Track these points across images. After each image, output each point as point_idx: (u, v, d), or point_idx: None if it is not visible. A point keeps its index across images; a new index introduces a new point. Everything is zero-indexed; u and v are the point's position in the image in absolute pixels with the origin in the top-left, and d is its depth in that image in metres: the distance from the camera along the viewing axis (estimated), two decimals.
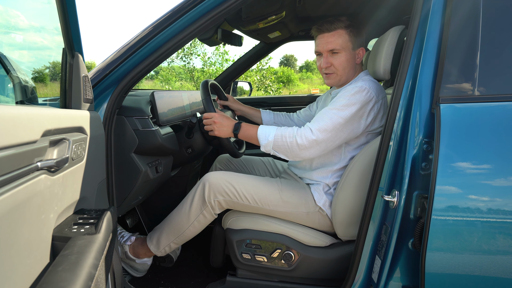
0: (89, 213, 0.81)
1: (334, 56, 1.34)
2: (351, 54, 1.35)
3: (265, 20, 1.82)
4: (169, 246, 1.43)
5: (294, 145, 1.24)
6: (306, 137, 1.23)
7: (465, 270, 0.93)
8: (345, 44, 1.32)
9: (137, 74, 1.14)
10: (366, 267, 1.11)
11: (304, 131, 1.25)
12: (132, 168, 1.26)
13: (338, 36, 1.32)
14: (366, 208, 1.11)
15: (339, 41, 1.32)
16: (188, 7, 1.12)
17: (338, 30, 1.32)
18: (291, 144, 1.25)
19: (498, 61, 0.95)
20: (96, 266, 0.61)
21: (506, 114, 0.93)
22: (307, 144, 1.23)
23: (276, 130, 1.29)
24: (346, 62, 1.35)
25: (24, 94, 1.04)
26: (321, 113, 1.27)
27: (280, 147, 1.27)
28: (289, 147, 1.26)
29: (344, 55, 1.33)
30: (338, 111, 1.24)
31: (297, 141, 1.23)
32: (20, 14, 1.25)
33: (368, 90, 1.24)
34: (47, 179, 0.63)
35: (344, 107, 1.23)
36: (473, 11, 0.94)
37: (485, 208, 0.90)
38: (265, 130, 1.31)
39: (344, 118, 1.23)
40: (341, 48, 1.32)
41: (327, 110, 1.26)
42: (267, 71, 10.21)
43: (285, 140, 1.25)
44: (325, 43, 1.34)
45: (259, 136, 1.30)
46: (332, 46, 1.32)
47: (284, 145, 1.26)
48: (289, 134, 1.26)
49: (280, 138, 1.26)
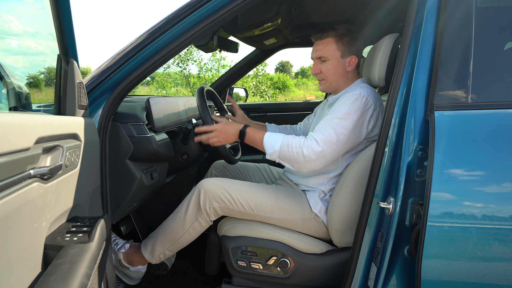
0: (82, 221, 0.80)
1: (323, 64, 1.39)
2: (339, 62, 1.37)
3: (261, 27, 1.83)
4: (163, 254, 1.41)
5: (300, 156, 1.22)
6: (312, 149, 1.21)
7: (461, 277, 0.93)
8: (332, 52, 1.36)
9: (132, 81, 1.14)
10: (362, 274, 1.10)
11: (310, 142, 1.23)
12: (126, 174, 1.25)
13: (326, 44, 1.36)
14: (362, 215, 1.11)
15: (326, 49, 1.36)
16: (183, 14, 1.12)
17: (327, 38, 1.36)
18: (297, 155, 1.23)
19: (491, 68, 0.97)
20: (89, 275, 0.60)
21: (498, 121, 0.94)
22: (313, 156, 1.21)
23: (282, 138, 1.27)
24: (334, 70, 1.38)
25: (17, 100, 1.03)
26: (323, 123, 1.26)
27: (285, 157, 1.26)
28: (294, 158, 1.24)
29: (331, 63, 1.37)
30: (340, 120, 1.23)
31: (303, 153, 1.22)
32: (14, 19, 1.24)
33: (367, 98, 1.25)
34: (39, 187, 0.62)
35: (346, 115, 1.23)
36: (466, 19, 0.96)
37: (480, 215, 0.91)
38: (271, 138, 1.28)
39: (347, 128, 1.23)
40: (328, 56, 1.36)
41: (329, 119, 1.25)
42: (263, 77, 10.26)
43: (291, 151, 1.24)
44: (315, 50, 1.40)
45: (265, 144, 1.29)
46: (320, 54, 1.38)
47: (290, 155, 1.24)
48: (295, 144, 1.24)
49: (286, 148, 1.24)
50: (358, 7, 1.77)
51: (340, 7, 1.80)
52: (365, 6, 1.71)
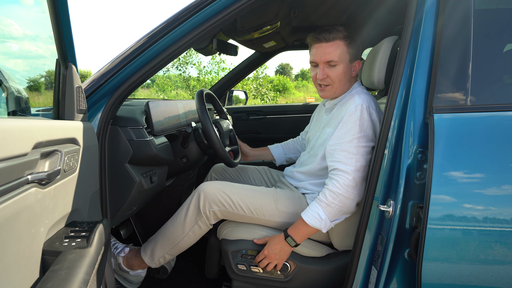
0: (81, 225, 0.80)
1: (332, 68, 1.29)
2: (348, 67, 1.31)
3: (260, 30, 1.83)
4: (163, 257, 1.41)
5: (344, 201, 1.16)
6: (348, 186, 1.15)
7: (462, 280, 0.93)
8: (343, 56, 1.28)
9: (132, 84, 1.14)
10: (362, 278, 1.10)
11: (341, 180, 1.16)
12: (126, 178, 1.25)
13: (337, 47, 1.27)
14: (362, 218, 1.11)
15: (337, 52, 1.27)
16: (183, 17, 1.13)
17: (336, 40, 1.27)
18: (342, 204, 1.16)
19: (490, 71, 0.97)
20: (87, 281, 0.60)
21: (498, 123, 0.94)
22: (352, 190, 1.16)
23: (317, 204, 1.19)
24: (343, 75, 1.30)
25: (16, 105, 1.03)
26: (343, 150, 1.19)
27: (336, 215, 1.19)
28: (341, 207, 1.17)
29: (342, 68, 1.29)
30: (359, 141, 1.19)
31: (346, 196, 1.15)
32: (14, 23, 1.24)
33: (368, 106, 1.23)
34: (37, 192, 0.62)
35: (360, 132, 1.20)
36: (464, 22, 0.96)
37: (480, 217, 0.90)
38: (311, 214, 1.19)
39: (366, 145, 1.20)
40: (339, 60, 1.28)
41: (347, 144, 1.19)
42: (264, 79, 10.28)
43: (336, 205, 1.17)
44: (322, 54, 1.28)
45: (312, 223, 1.18)
46: (330, 58, 1.27)
47: (337, 210, 1.17)
48: (332, 196, 1.16)
49: (330, 208, 1.17)
50: (357, 9, 1.77)
51: (339, 9, 1.81)
52: (364, 8, 1.72)
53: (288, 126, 2.67)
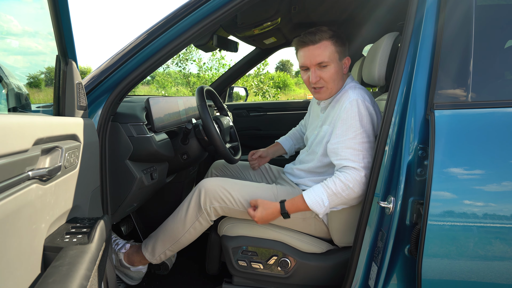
0: (82, 221, 0.80)
1: (323, 70, 1.28)
2: (339, 65, 1.30)
3: (260, 26, 1.83)
4: (164, 254, 1.41)
5: (351, 195, 1.16)
6: (359, 182, 1.15)
7: (462, 276, 0.93)
8: (333, 56, 1.27)
9: (132, 81, 1.14)
10: (362, 274, 1.10)
11: (354, 175, 1.15)
12: (126, 175, 1.25)
13: (325, 47, 1.26)
14: (362, 214, 1.11)
15: (326, 53, 1.26)
16: (183, 13, 1.12)
17: (323, 41, 1.26)
18: (348, 197, 1.17)
19: (491, 67, 0.96)
20: (88, 277, 0.60)
21: (499, 120, 0.93)
22: (361, 186, 1.16)
23: (323, 189, 1.19)
24: (336, 74, 1.29)
25: (17, 101, 1.03)
26: (348, 147, 1.19)
27: (338, 203, 1.20)
28: (346, 200, 1.18)
29: (333, 67, 1.28)
30: (362, 136, 1.19)
31: (355, 191, 1.15)
32: (14, 19, 1.24)
33: (363, 100, 1.22)
34: (38, 188, 0.62)
35: (361, 128, 1.20)
36: (466, 18, 0.95)
37: (480, 213, 0.90)
38: (314, 196, 1.19)
39: (369, 140, 1.20)
40: (329, 60, 1.26)
41: (351, 141, 1.19)
42: (265, 76, 10.25)
43: (342, 196, 1.17)
44: (312, 56, 1.27)
45: (312, 207, 1.18)
46: (320, 59, 1.26)
47: (341, 201, 1.18)
48: (342, 188, 1.16)
49: (335, 197, 1.17)
50: (358, 5, 1.76)
51: (340, 6, 1.80)
52: (365, 4, 1.71)
53: (288, 122, 2.65)
